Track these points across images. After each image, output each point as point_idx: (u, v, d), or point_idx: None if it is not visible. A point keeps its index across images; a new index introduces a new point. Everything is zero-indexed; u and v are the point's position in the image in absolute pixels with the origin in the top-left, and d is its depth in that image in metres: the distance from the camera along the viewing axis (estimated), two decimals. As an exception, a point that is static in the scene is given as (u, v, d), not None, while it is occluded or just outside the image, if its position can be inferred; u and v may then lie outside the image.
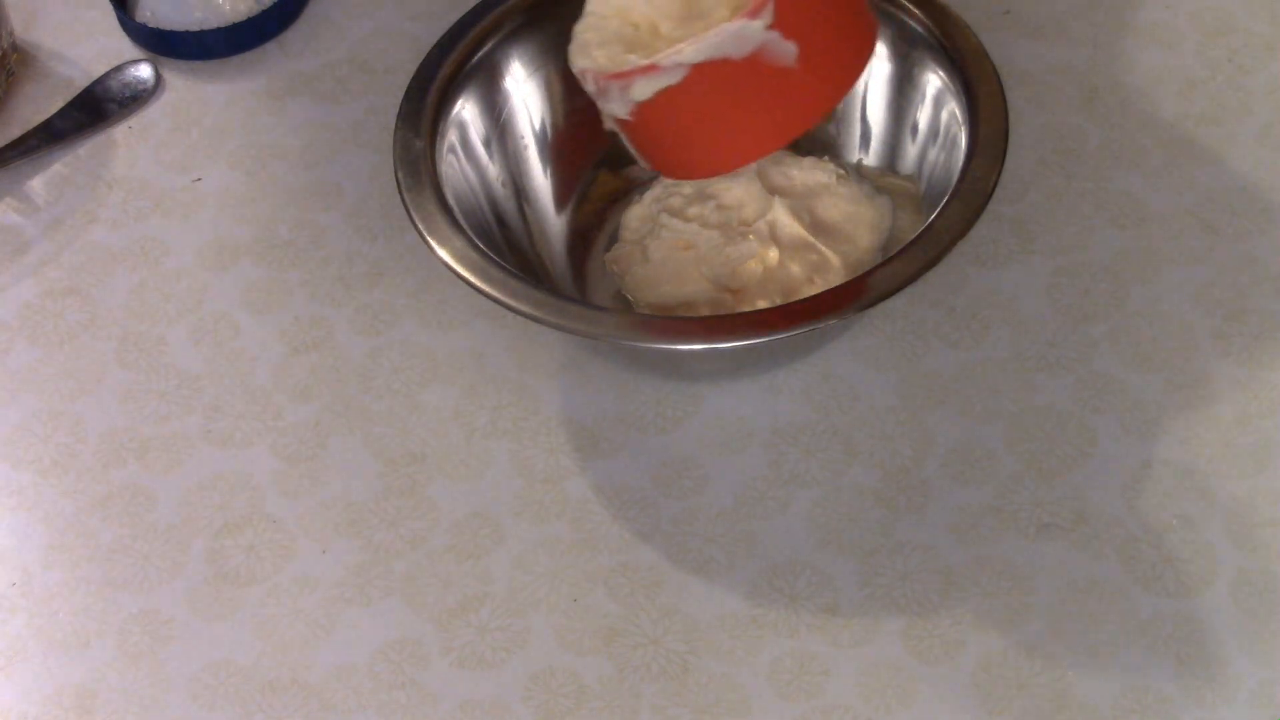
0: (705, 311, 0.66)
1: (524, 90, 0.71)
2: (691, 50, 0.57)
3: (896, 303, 0.61)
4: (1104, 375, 0.66)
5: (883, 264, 0.61)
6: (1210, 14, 0.78)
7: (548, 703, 0.60)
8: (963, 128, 0.64)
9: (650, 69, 0.58)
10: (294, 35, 0.82)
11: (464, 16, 0.70)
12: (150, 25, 0.82)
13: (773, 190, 0.68)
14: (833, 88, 0.62)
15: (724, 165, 0.64)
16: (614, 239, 0.71)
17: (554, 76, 0.71)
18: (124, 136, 0.79)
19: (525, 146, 0.71)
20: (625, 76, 0.59)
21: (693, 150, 0.62)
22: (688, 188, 0.69)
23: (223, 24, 0.81)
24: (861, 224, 0.67)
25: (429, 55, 0.69)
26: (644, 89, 0.59)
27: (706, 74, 0.58)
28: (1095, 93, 0.75)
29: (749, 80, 0.58)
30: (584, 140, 0.72)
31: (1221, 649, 0.59)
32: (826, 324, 0.60)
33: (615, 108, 0.60)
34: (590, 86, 0.61)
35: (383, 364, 0.69)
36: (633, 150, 0.63)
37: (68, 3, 0.85)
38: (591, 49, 0.61)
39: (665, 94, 0.58)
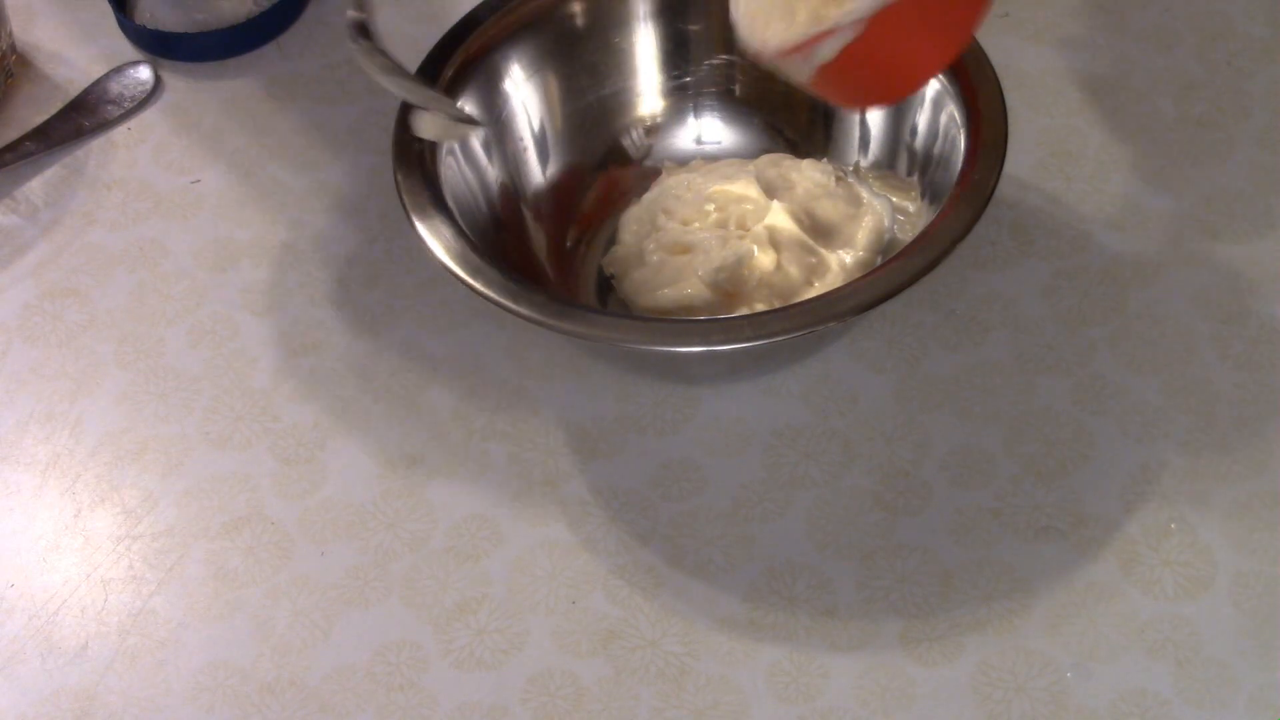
0: (703, 314, 0.66)
1: (523, 92, 0.71)
2: (866, 4, 0.57)
3: (895, 305, 0.61)
4: (1103, 378, 0.66)
5: (882, 267, 0.61)
6: (1209, 17, 0.78)
7: (546, 705, 0.60)
8: (962, 130, 0.64)
9: (829, 33, 0.58)
10: (293, 37, 0.82)
11: (463, 18, 0.70)
12: (149, 27, 0.82)
13: (771, 193, 0.68)
14: None
15: (912, 86, 0.65)
16: (612, 241, 0.71)
17: (552, 79, 0.71)
18: (123, 138, 0.79)
19: (524, 148, 0.71)
20: (805, 47, 0.59)
21: (879, 82, 0.62)
22: (686, 192, 0.69)
23: (221, 26, 0.81)
24: (860, 227, 0.67)
25: (428, 57, 0.69)
26: (828, 50, 0.59)
27: (882, 19, 0.58)
28: (1094, 95, 0.75)
29: (918, 8, 0.59)
30: (583, 143, 0.72)
31: (1220, 652, 0.59)
32: (825, 327, 0.60)
33: (797, 72, 0.60)
34: (767, 63, 0.61)
35: (381, 366, 0.70)
36: (818, 95, 0.64)
37: (67, 4, 0.85)
38: (758, 28, 0.61)
39: (847, 49, 0.58)
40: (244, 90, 0.81)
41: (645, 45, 0.73)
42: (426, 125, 0.66)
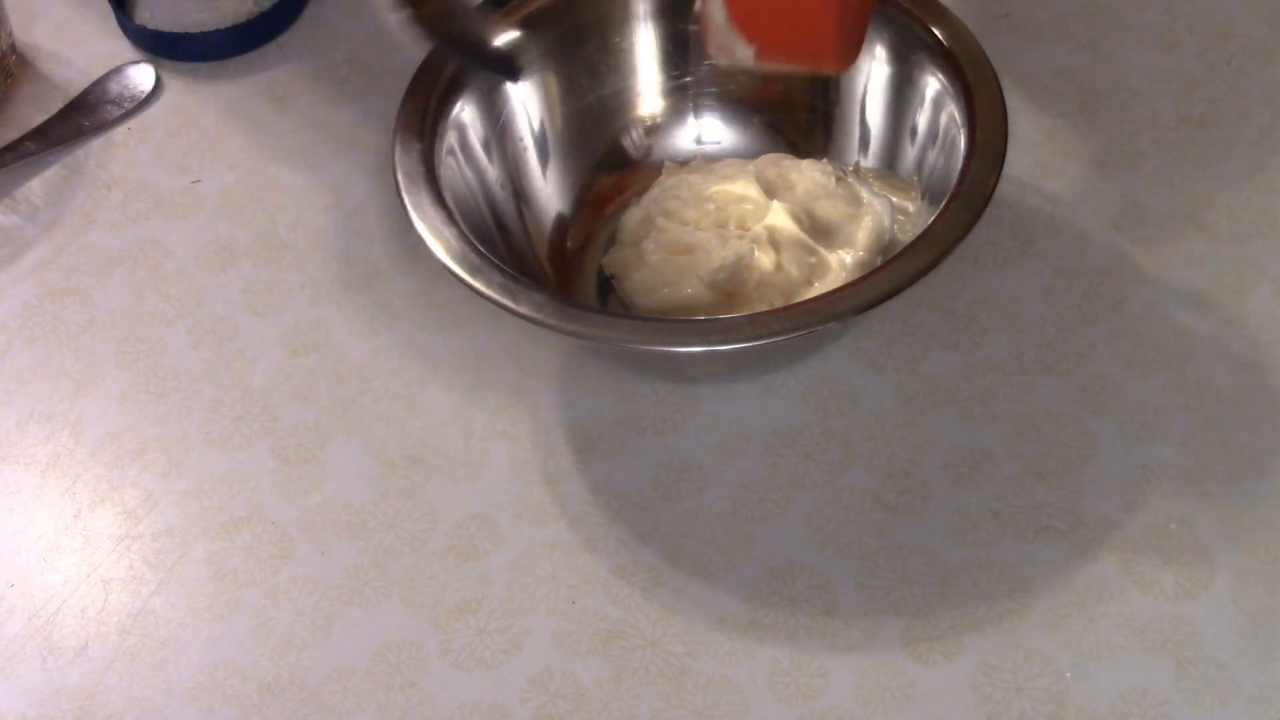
0: (703, 314, 0.66)
1: (523, 92, 0.71)
2: None
3: (895, 305, 0.61)
4: (1103, 378, 0.66)
5: (881, 267, 0.61)
6: (1209, 17, 0.78)
7: (546, 705, 0.60)
8: (961, 130, 0.64)
9: None
10: (293, 37, 0.82)
11: (463, 18, 0.70)
12: (149, 27, 0.82)
13: (771, 192, 0.68)
14: None
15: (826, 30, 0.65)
16: (612, 242, 0.71)
17: (553, 79, 0.71)
18: (123, 138, 0.79)
19: (524, 149, 0.71)
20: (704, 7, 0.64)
21: (798, 18, 0.64)
22: (686, 192, 0.69)
23: (222, 26, 0.81)
24: (860, 227, 0.67)
25: (428, 57, 0.69)
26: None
27: None
28: (1094, 95, 0.75)
29: None
30: (582, 143, 0.72)
31: (1220, 652, 0.59)
32: (825, 327, 0.60)
33: (740, 51, 0.65)
34: (734, 56, 0.65)
35: (381, 366, 0.70)
36: (794, 68, 0.68)
37: (67, 4, 0.85)
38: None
39: None
40: (244, 90, 0.81)
41: (645, 45, 0.73)
42: None
